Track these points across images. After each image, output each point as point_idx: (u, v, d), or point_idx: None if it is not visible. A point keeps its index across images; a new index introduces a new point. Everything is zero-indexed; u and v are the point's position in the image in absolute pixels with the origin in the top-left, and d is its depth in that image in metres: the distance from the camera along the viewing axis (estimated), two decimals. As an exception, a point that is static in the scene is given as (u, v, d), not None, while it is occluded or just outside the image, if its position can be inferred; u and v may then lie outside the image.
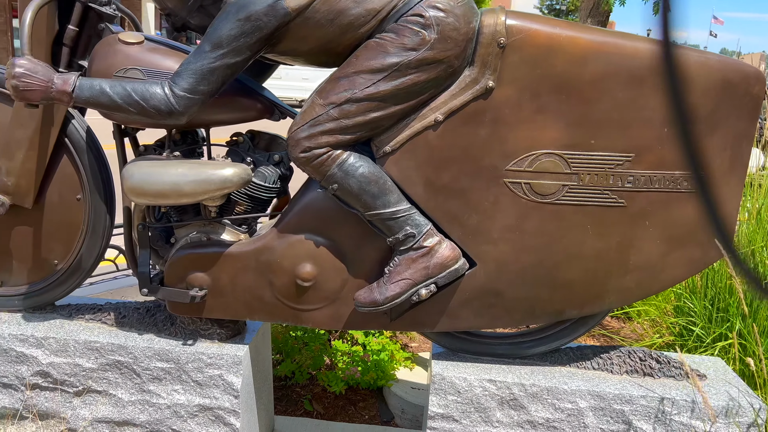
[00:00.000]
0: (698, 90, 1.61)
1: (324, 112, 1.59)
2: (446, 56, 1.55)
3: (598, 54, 1.58)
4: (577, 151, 1.64)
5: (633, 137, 1.63)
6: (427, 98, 1.62)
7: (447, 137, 1.64)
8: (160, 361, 1.89)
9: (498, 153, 1.65)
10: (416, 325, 1.83)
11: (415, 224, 1.67)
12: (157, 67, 1.70)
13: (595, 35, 1.60)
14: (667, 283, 1.78)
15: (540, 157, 1.64)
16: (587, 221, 1.69)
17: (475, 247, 1.72)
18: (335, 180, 1.62)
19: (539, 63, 1.58)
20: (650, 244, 1.71)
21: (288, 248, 1.76)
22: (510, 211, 1.69)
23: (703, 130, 1.64)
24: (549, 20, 1.62)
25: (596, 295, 1.75)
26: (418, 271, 1.68)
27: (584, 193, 1.67)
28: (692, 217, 1.70)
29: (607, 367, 1.89)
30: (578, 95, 1.60)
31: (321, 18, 1.55)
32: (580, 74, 1.59)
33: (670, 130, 1.62)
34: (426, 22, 1.53)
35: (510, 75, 1.59)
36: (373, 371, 2.59)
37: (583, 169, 1.65)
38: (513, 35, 1.57)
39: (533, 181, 1.66)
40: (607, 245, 1.71)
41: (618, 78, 1.59)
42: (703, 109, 1.63)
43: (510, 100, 1.61)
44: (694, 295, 2.64)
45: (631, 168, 1.65)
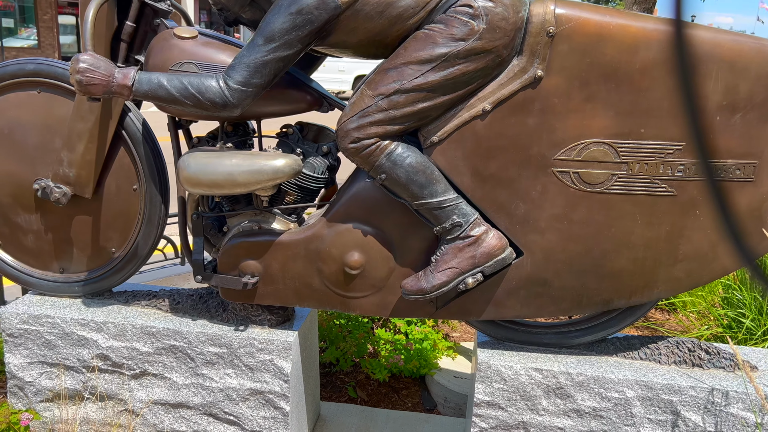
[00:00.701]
0: (751, 78, 1.58)
1: (373, 103, 1.62)
2: (494, 46, 1.56)
3: (649, 42, 1.56)
4: (626, 140, 1.63)
5: (683, 126, 1.61)
6: (475, 88, 1.63)
7: (495, 127, 1.65)
8: (213, 346, 1.95)
9: (546, 142, 1.65)
10: (462, 313, 1.85)
11: (462, 213, 1.69)
12: (211, 61, 1.75)
13: (645, 23, 1.58)
14: (718, 273, 1.76)
15: (589, 146, 1.64)
16: (636, 210, 1.68)
17: (522, 236, 1.73)
18: (383, 170, 1.65)
19: (589, 51, 1.58)
20: (700, 233, 1.69)
21: (336, 237, 1.80)
22: (558, 200, 1.69)
23: (757, 118, 1.61)
24: (599, 8, 1.61)
25: (645, 284, 1.74)
26: (465, 260, 1.70)
27: (634, 182, 1.66)
28: (743, 206, 1.68)
29: (654, 357, 1.88)
30: (628, 83, 1.59)
31: (370, 10, 1.58)
32: (631, 62, 1.57)
33: (722, 118, 1.60)
34: (475, 12, 1.54)
35: (559, 64, 1.59)
36: (416, 359, 2.62)
37: (632, 158, 1.64)
38: (562, 24, 1.57)
39: (582, 170, 1.66)
40: (656, 234, 1.70)
41: (669, 66, 1.57)
42: (758, 98, 1.60)
43: (559, 89, 1.61)
44: (744, 286, 2.59)
45: (682, 157, 1.63)
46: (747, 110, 1.60)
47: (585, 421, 1.81)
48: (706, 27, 1.63)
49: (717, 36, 1.59)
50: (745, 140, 1.62)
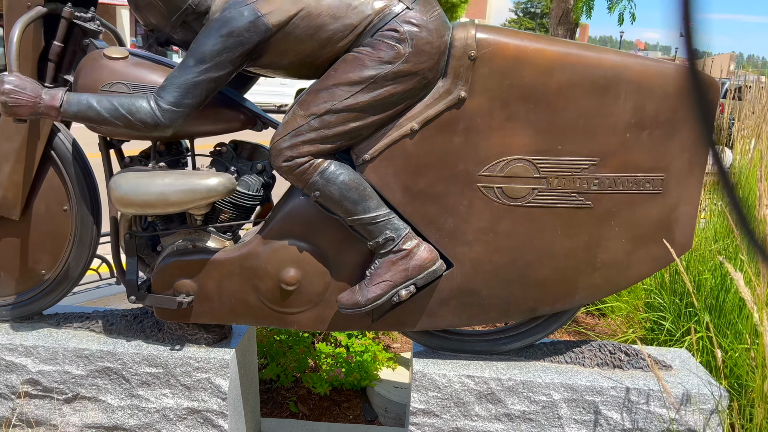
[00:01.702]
0: (657, 98, 1.71)
1: (305, 122, 1.66)
2: (420, 68, 1.63)
3: (564, 65, 1.68)
4: (545, 157, 1.73)
5: (598, 142, 1.73)
6: (404, 108, 1.70)
7: (423, 145, 1.73)
8: (149, 366, 1.94)
9: (472, 159, 1.74)
10: (397, 324, 1.91)
11: (395, 228, 1.75)
12: (142, 81, 1.75)
13: (560, 47, 1.69)
14: (633, 279, 1.88)
15: (511, 162, 1.73)
16: (557, 222, 1.78)
17: (451, 248, 1.81)
18: (317, 187, 1.70)
19: (508, 74, 1.67)
20: (616, 242, 1.81)
21: (272, 254, 1.83)
22: (484, 214, 1.78)
23: (663, 135, 1.74)
24: (517, 33, 1.71)
25: (567, 292, 1.84)
26: (398, 273, 1.76)
27: (553, 195, 1.76)
28: (655, 216, 1.81)
29: (579, 360, 1.98)
30: (545, 104, 1.69)
31: (301, 33, 1.63)
32: (547, 84, 1.68)
33: (631, 135, 1.73)
34: (401, 36, 1.61)
35: (481, 86, 1.68)
36: (357, 372, 2.66)
37: (551, 174, 1.75)
38: (483, 48, 1.66)
39: (505, 185, 1.75)
40: (576, 245, 1.80)
41: (582, 87, 1.69)
42: (663, 116, 1.73)
43: (482, 109, 1.70)
44: (664, 290, 2.75)
45: (597, 171, 1.75)
46: (653, 128, 1.73)
47: (515, 425, 1.90)
48: (616, 51, 1.76)
49: (625, 59, 1.71)
50: (653, 155, 1.75)
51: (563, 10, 4.02)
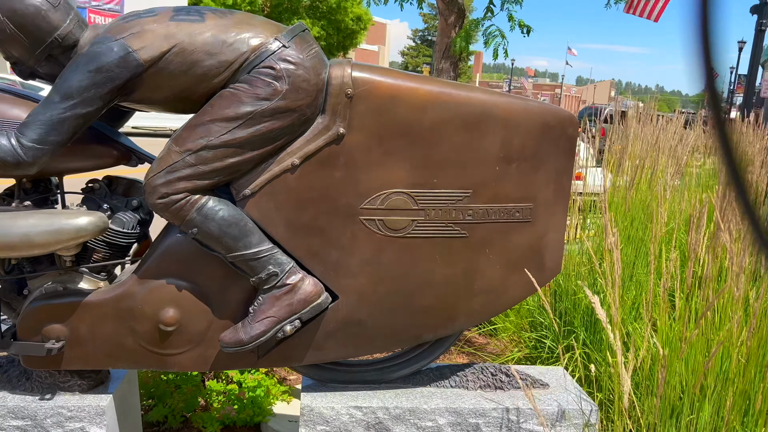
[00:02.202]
0: (522, 133, 1.83)
1: (180, 158, 1.64)
2: (298, 105, 1.66)
3: (436, 103, 1.76)
4: (422, 190, 1.80)
5: (470, 175, 1.82)
6: (284, 143, 1.71)
7: (304, 179, 1.75)
8: (15, 419, 1.80)
9: (353, 193, 1.78)
10: (284, 360, 1.89)
11: (278, 263, 1.75)
12: (3, 117, 1.66)
13: (432, 86, 1.78)
14: (509, 303, 1.98)
15: (390, 195, 1.79)
16: (436, 252, 1.85)
17: (336, 281, 1.83)
18: (195, 224, 1.67)
19: (384, 111, 1.73)
20: (492, 269, 1.90)
21: (149, 294, 1.76)
22: (367, 246, 1.81)
23: (530, 167, 1.87)
24: (391, 72, 1.78)
25: (448, 318, 1.91)
26: (283, 308, 1.76)
27: (431, 226, 1.83)
28: (526, 243, 1.92)
29: (463, 384, 2.06)
30: (420, 139, 1.77)
31: (174, 69, 1.61)
32: (421, 121, 1.76)
33: (500, 168, 1.83)
34: (277, 73, 1.63)
35: (359, 122, 1.73)
36: (250, 408, 2.60)
37: (428, 205, 1.82)
38: (359, 86, 1.71)
39: (386, 217, 1.80)
40: (454, 272, 1.88)
41: (454, 124, 1.78)
42: (529, 150, 1.85)
43: (360, 144, 1.74)
44: (545, 311, 2.91)
45: (470, 203, 1.84)
46: (520, 161, 1.85)
47: (404, 452, 1.93)
48: (484, 90, 1.87)
49: (493, 98, 1.83)
50: (521, 186, 1.87)
51: (446, 44, 4.22)
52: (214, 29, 1.64)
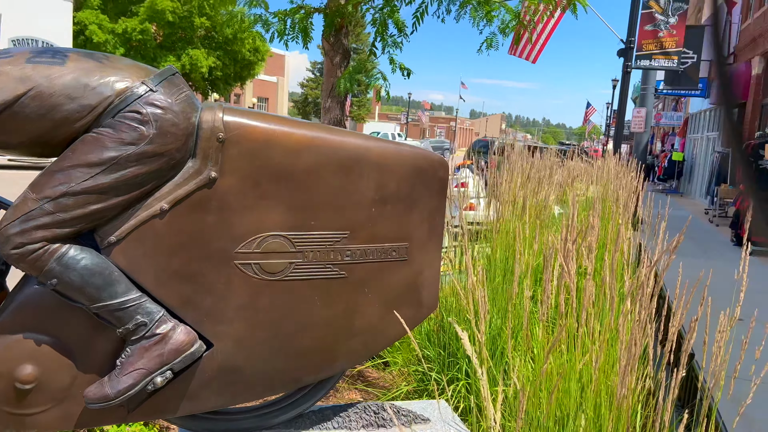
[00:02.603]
0: (396, 176, 1.90)
1: (37, 206, 1.55)
2: (167, 150, 1.62)
3: (310, 147, 1.79)
4: (300, 232, 1.81)
5: (347, 217, 1.85)
6: (151, 188, 1.66)
7: (175, 225, 1.70)
8: None
9: (227, 237, 1.75)
10: (157, 412, 1.81)
11: (147, 312, 1.68)
12: None
13: (306, 130, 1.80)
14: (389, 340, 2.02)
15: (267, 238, 1.78)
16: (315, 293, 1.86)
17: (210, 328, 1.78)
18: (54, 275, 1.57)
19: (258, 155, 1.73)
20: (371, 308, 1.93)
21: (4, 351, 1.64)
22: (242, 290, 1.79)
23: (404, 208, 1.93)
24: (265, 116, 1.79)
25: (328, 359, 1.92)
26: (152, 359, 1.69)
27: (310, 268, 1.84)
28: (403, 281, 1.97)
29: (346, 424, 2.06)
30: (296, 183, 1.78)
31: (30, 113, 1.53)
32: (296, 164, 1.77)
33: (376, 209, 1.88)
34: (144, 118, 1.59)
35: (231, 166, 1.72)
36: (126, 463, 2.45)
37: (306, 247, 1.83)
38: (231, 130, 1.71)
39: (262, 261, 1.79)
40: (334, 313, 1.89)
41: (329, 167, 1.81)
42: (403, 191, 1.92)
43: (233, 188, 1.73)
44: (431, 343, 2.98)
45: (348, 243, 1.87)
46: (395, 201, 1.91)
47: (286, 500, 1.89)
48: (358, 134, 1.92)
49: (367, 142, 1.88)
50: (396, 226, 1.93)
51: (332, 84, 4.30)
52: (76, 72, 1.58)
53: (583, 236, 2.11)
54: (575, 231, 1.96)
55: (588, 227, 1.99)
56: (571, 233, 1.95)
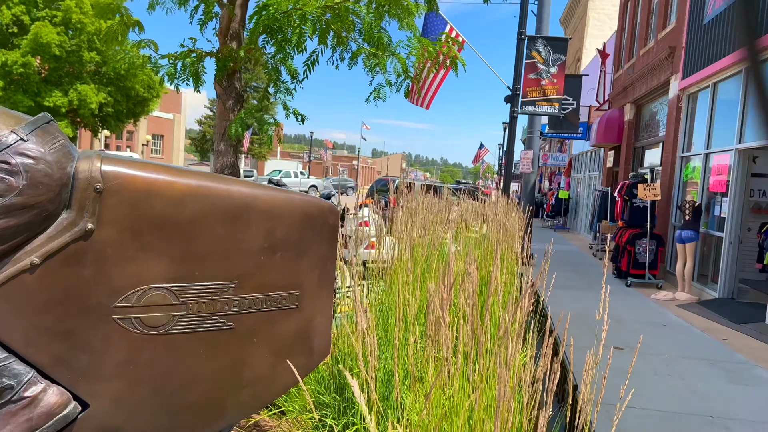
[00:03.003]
0: (285, 224, 1.91)
1: None
2: (38, 201, 1.54)
3: (195, 196, 1.76)
4: (183, 283, 1.76)
5: (234, 267, 1.83)
6: (22, 242, 1.57)
7: (47, 279, 1.61)
8: None
9: (105, 291, 1.68)
10: (24, 483, 1.66)
11: (14, 374, 1.56)
12: None
13: (191, 179, 1.78)
14: (280, 390, 1.99)
15: (147, 291, 1.72)
16: (200, 346, 1.81)
17: (86, 387, 1.68)
18: None
19: (138, 205, 1.69)
20: (260, 359, 1.91)
21: None
22: (122, 346, 1.71)
23: (294, 255, 1.94)
24: (147, 166, 1.76)
25: (216, 414, 1.86)
26: (20, 425, 1.56)
27: (195, 320, 1.79)
28: (294, 329, 1.96)
29: (236, 480, 1.99)
30: (180, 233, 1.74)
31: None
32: (180, 214, 1.74)
33: (265, 257, 1.88)
34: (13, 168, 1.51)
35: (110, 217, 1.66)
36: None
37: (191, 299, 1.78)
38: (109, 180, 1.65)
39: (143, 315, 1.72)
40: (221, 366, 1.84)
41: (215, 216, 1.79)
42: (292, 239, 1.93)
43: (112, 240, 1.67)
44: (326, 388, 2.96)
45: (236, 293, 1.84)
46: (285, 249, 1.91)
47: None
48: (246, 183, 1.92)
49: (254, 191, 1.88)
50: (287, 274, 1.93)
51: (224, 127, 4.26)
52: (-66, 119, 1.48)
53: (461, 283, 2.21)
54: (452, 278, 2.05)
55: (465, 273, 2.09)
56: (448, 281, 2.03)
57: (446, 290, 1.94)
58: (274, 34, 3.84)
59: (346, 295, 4.82)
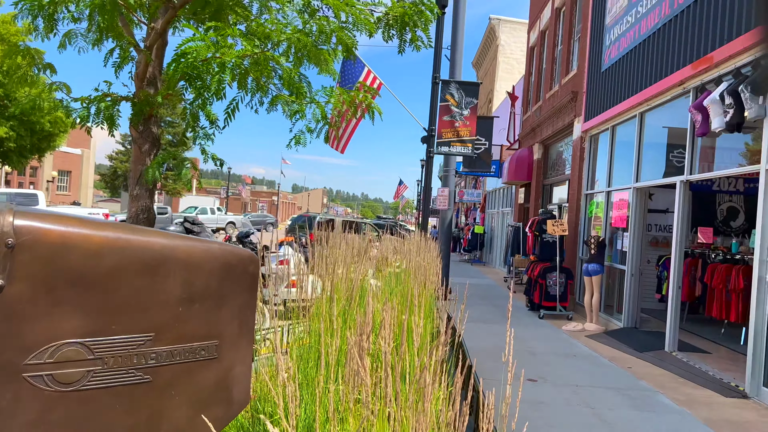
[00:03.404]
0: (204, 274, 1.92)
1: None
2: (-57, 258, 1.50)
3: (112, 248, 1.76)
4: (99, 338, 1.74)
5: (152, 319, 1.83)
6: (-77, 301, 1.51)
7: (-50, 339, 1.55)
8: None
9: (15, 348, 1.63)
10: None
11: None
12: None
13: (108, 232, 1.77)
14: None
15: (61, 347, 1.69)
16: (116, 401, 1.78)
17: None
18: None
19: (53, 259, 1.66)
20: (179, 411, 1.89)
21: None
22: (33, 405, 1.65)
23: (213, 305, 1.95)
24: (61, 219, 1.74)
25: (131, 471, 1.82)
26: None
27: (110, 375, 1.76)
28: (213, 380, 1.97)
29: None
30: (96, 286, 1.73)
31: None
32: (96, 267, 1.73)
33: (183, 308, 1.88)
34: None
35: (22, 272, 1.62)
36: None
37: (106, 353, 1.76)
38: (22, 235, 1.62)
39: (56, 371, 1.68)
40: (138, 420, 1.82)
41: (133, 268, 1.79)
42: (211, 289, 1.94)
43: (24, 296, 1.63)
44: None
45: (153, 346, 1.83)
46: (204, 299, 1.93)
47: None
48: (165, 234, 1.93)
49: (173, 241, 1.89)
50: (205, 325, 1.94)
51: (140, 171, 4.20)
52: None
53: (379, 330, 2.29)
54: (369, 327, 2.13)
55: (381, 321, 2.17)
56: (365, 330, 2.11)
57: (365, 339, 2.02)
58: (192, 80, 3.86)
59: (266, 337, 4.78)
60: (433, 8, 4.45)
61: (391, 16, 4.30)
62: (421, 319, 2.88)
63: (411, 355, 2.31)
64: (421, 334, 2.80)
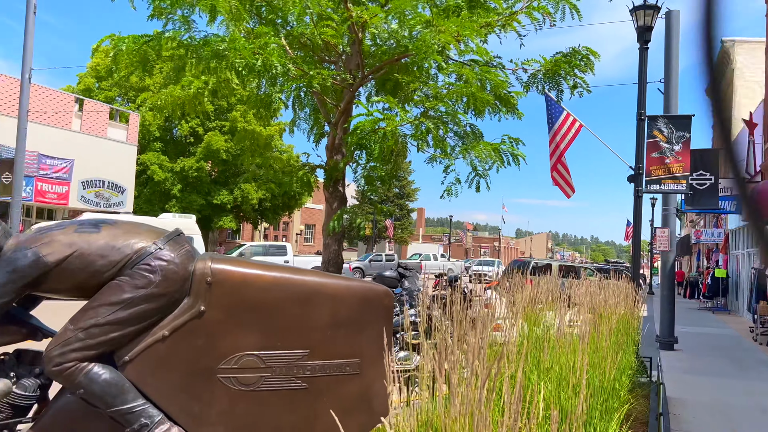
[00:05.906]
0: (347, 305, 2.43)
1: (73, 335, 2.14)
2: (168, 291, 2.22)
3: (277, 285, 2.36)
4: (268, 351, 2.33)
5: (307, 338, 2.38)
6: (157, 320, 2.24)
7: (172, 347, 2.26)
8: None
9: (212, 356, 2.29)
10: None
11: (149, 416, 2.20)
12: None
13: (275, 272, 2.39)
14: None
15: (242, 357, 2.31)
16: (281, 402, 2.34)
17: (198, 429, 2.27)
18: (81, 386, 2.13)
19: (236, 292, 2.31)
20: (329, 414, 2.39)
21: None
22: (223, 399, 2.29)
23: (355, 330, 2.44)
24: (244, 263, 2.40)
25: (293, 458, 2.35)
26: (151, 453, 2.18)
27: (277, 381, 2.34)
28: (356, 392, 2.44)
29: None
30: (265, 313, 2.34)
31: (74, 268, 2.17)
32: (266, 299, 2.34)
33: (330, 332, 2.40)
34: (152, 269, 2.21)
35: (216, 301, 2.30)
36: None
37: (274, 364, 2.34)
38: (216, 275, 2.30)
39: (239, 375, 2.31)
40: (298, 418, 2.36)
41: (292, 300, 2.37)
42: (353, 318, 2.44)
43: (217, 318, 2.30)
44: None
45: (309, 360, 2.38)
46: (347, 326, 2.43)
47: None
48: (317, 273, 2.49)
49: (323, 279, 2.44)
50: (350, 346, 2.43)
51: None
52: (107, 237, 2.24)
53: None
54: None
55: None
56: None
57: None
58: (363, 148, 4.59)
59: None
60: (588, 54, 4.57)
61: (542, 72, 4.57)
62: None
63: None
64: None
